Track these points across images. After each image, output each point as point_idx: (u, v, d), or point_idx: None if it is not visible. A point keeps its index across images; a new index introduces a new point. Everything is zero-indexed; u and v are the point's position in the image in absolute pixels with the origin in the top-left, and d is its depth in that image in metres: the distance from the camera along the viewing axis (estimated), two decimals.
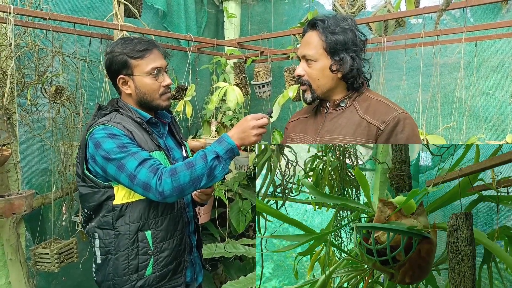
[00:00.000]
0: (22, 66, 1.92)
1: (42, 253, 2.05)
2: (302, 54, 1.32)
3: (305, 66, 1.32)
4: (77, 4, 2.43)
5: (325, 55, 1.28)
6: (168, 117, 1.56)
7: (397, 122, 1.22)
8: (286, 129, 1.58)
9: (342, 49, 1.26)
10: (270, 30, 3.38)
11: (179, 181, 1.19)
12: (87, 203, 1.38)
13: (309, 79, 1.32)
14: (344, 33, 1.26)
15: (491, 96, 2.49)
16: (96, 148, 1.27)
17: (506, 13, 2.40)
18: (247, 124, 1.25)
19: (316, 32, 1.29)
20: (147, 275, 1.36)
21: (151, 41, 1.43)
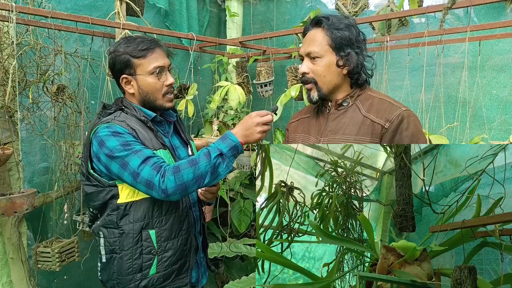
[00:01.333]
0: (24, 64, 1.91)
1: (43, 252, 2.04)
2: (306, 52, 1.31)
3: (310, 64, 1.31)
4: (79, 3, 2.43)
5: (330, 51, 1.28)
6: (173, 116, 1.55)
7: (401, 119, 1.22)
8: (287, 130, 1.57)
9: (347, 44, 1.27)
10: (272, 29, 3.38)
11: (182, 178, 1.18)
12: (92, 202, 1.38)
13: (315, 76, 1.31)
14: (348, 29, 1.27)
15: (495, 96, 2.48)
16: (100, 147, 1.27)
17: (510, 12, 2.39)
18: (251, 121, 1.24)
19: (321, 29, 1.29)
20: (151, 274, 1.35)
21: (153, 40, 1.42)
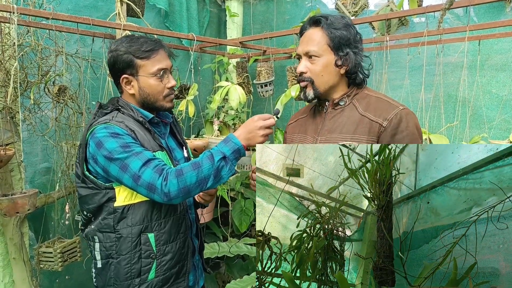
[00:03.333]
0: (25, 65, 1.92)
1: (45, 252, 2.05)
2: (304, 51, 1.31)
3: (308, 63, 1.31)
4: (80, 4, 2.44)
5: (329, 50, 1.28)
6: (169, 117, 1.53)
7: (400, 119, 1.22)
8: (286, 132, 1.57)
9: (346, 44, 1.27)
10: (272, 29, 3.38)
11: (185, 182, 1.16)
12: (86, 205, 1.33)
13: (312, 76, 1.31)
14: (346, 29, 1.27)
15: (495, 95, 2.48)
16: (97, 148, 1.23)
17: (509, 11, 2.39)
18: (254, 125, 1.23)
19: (319, 28, 1.28)
20: (150, 279, 1.32)
21: (157, 41, 1.39)
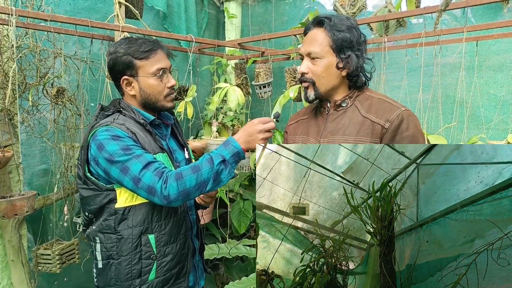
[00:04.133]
0: (23, 67, 1.92)
1: (43, 254, 2.05)
2: (307, 52, 1.30)
3: (309, 64, 1.30)
4: (78, 6, 2.44)
5: (331, 52, 1.27)
6: (170, 119, 1.54)
7: (402, 120, 1.22)
8: (286, 132, 1.56)
9: (348, 47, 1.26)
10: (270, 31, 3.39)
11: (185, 185, 1.17)
12: (88, 206, 1.35)
13: (313, 77, 1.30)
14: (350, 31, 1.26)
15: (492, 96, 2.49)
16: (99, 150, 1.24)
17: (507, 12, 2.40)
18: (253, 128, 1.23)
19: (323, 29, 1.28)
20: (150, 279, 1.34)
21: (155, 41, 1.40)
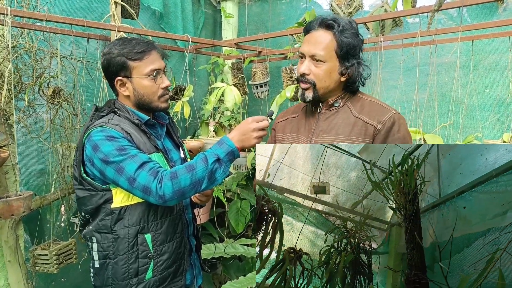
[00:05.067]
0: (19, 67, 1.91)
1: (41, 254, 2.04)
2: (310, 53, 1.28)
3: (312, 66, 1.29)
4: (74, 6, 2.43)
5: (335, 57, 1.27)
6: (165, 119, 1.54)
7: (393, 122, 1.26)
8: (274, 130, 1.55)
9: (353, 54, 1.28)
10: (267, 30, 3.39)
11: (179, 184, 1.18)
12: (84, 207, 1.35)
13: (315, 79, 1.30)
14: (354, 37, 1.27)
15: (488, 95, 2.51)
16: (94, 151, 1.25)
17: (502, 12, 2.42)
18: (247, 127, 1.24)
19: (330, 33, 1.27)
20: (147, 278, 1.34)
21: (149, 42, 1.40)
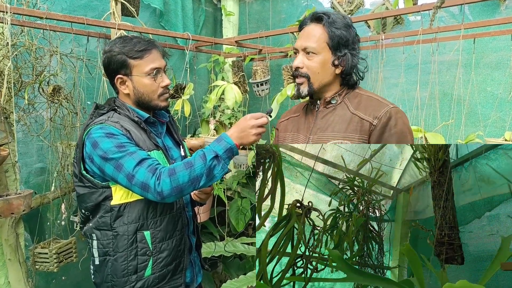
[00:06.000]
0: (19, 65, 1.91)
1: (41, 253, 2.04)
2: (303, 46, 1.30)
3: (305, 59, 1.31)
4: (74, 3, 2.42)
5: (327, 49, 1.28)
6: (166, 117, 1.55)
7: (390, 117, 1.23)
8: (277, 129, 1.57)
9: (345, 45, 1.27)
10: (268, 28, 3.38)
11: (178, 181, 1.18)
12: (84, 204, 1.36)
13: (308, 72, 1.31)
14: (347, 29, 1.27)
15: (490, 93, 2.49)
16: (93, 148, 1.26)
17: (504, 10, 2.40)
18: (246, 124, 1.24)
19: (321, 25, 1.28)
20: (147, 276, 1.35)
21: (150, 40, 1.41)
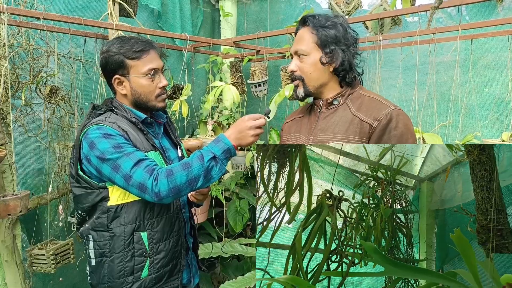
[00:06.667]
0: (16, 66, 1.90)
1: (38, 254, 2.03)
2: (294, 50, 1.34)
3: (298, 62, 1.33)
4: (71, 4, 2.42)
5: (316, 48, 1.29)
6: (163, 117, 1.55)
7: (390, 119, 1.20)
8: (282, 130, 1.58)
9: (332, 42, 1.27)
10: (266, 29, 3.38)
11: (175, 181, 1.18)
12: (81, 204, 1.36)
13: (302, 74, 1.32)
14: (334, 27, 1.27)
15: (487, 94, 2.50)
16: (90, 148, 1.25)
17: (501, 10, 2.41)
18: (244, 125, 1.24)
19: (307, 27, 1.31)
20: (143, 277, 1.34)
21: (148, 41, 1.41)
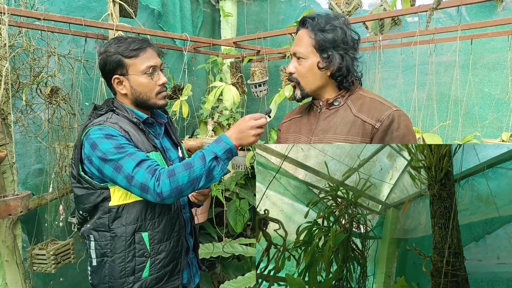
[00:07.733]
0: (17, 66, 1.91)
1: (38, 254, 2.03)
2: (293, 51, 1.33)
3: (296, 64, 1.32)
4: (72, 4, 2.42)
5: (314, 52, 1.28)
6: (164, 118, 1.55)
7: (392, 120, 1.21)
8: (279, 130, 1.57)
9: (330, 46, 1.25)
10: (266, 29, 3.39)
11: (177, 182, 1.18)
12: (82, 205, 1.36)
13: (298, 77, 1.32)
14: (333, 31, 1.25)
15: (487, 94, 2.50)
16: (92, 149, 1.25)
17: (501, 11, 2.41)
18: (245, 124, 1.24)
19: (306, 30, 1.29)
20: (144, 277, 1.35)
21: (144, 39, 1.41)
